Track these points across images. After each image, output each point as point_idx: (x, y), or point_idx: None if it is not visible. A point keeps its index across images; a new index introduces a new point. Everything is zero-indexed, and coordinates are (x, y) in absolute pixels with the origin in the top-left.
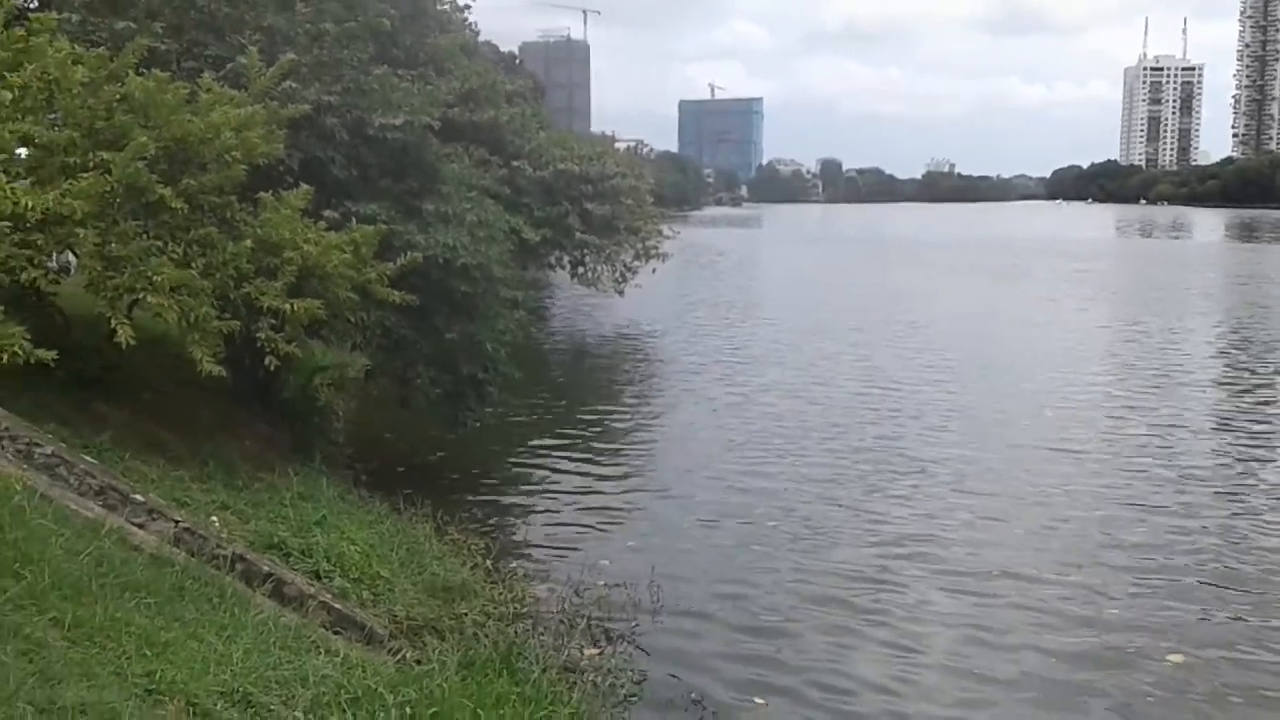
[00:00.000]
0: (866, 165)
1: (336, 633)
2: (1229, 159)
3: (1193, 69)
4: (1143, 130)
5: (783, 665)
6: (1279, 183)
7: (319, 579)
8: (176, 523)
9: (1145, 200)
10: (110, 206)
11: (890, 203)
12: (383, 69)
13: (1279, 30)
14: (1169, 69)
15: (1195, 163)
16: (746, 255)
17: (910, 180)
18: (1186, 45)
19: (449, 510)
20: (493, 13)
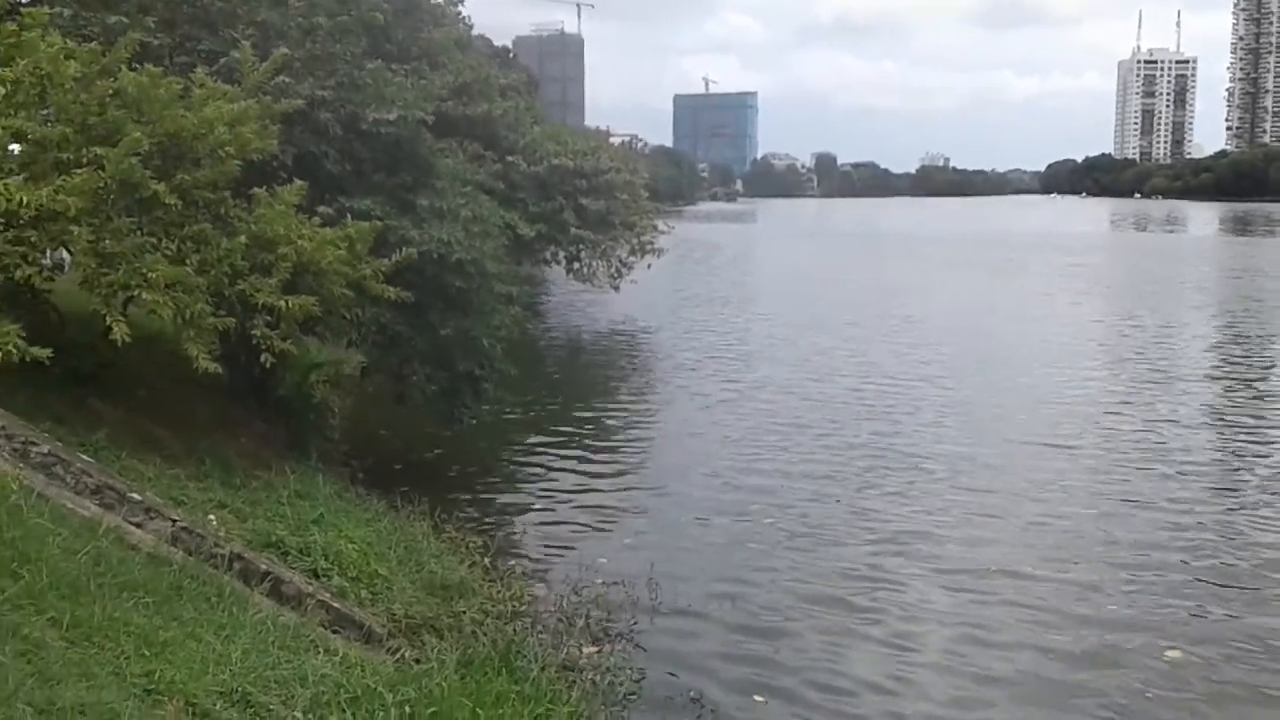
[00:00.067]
0: (861, 159)
1: (335, 631)
2: (1223, 152)
3: (1186, 62)
4: (1136, 123)
5: (781, 664)
6: (1273, 176)
7: (317, 577)
8: (174, 521)
9: (1139, 194)
10: (104, 203)
11: (885, 197)
12: (376, 63)
13: (1272, 23)
14: (1163, 62)
15: (1189, 156)
16: (741, 250)
17: (905, 175)
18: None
19: (446, 508)
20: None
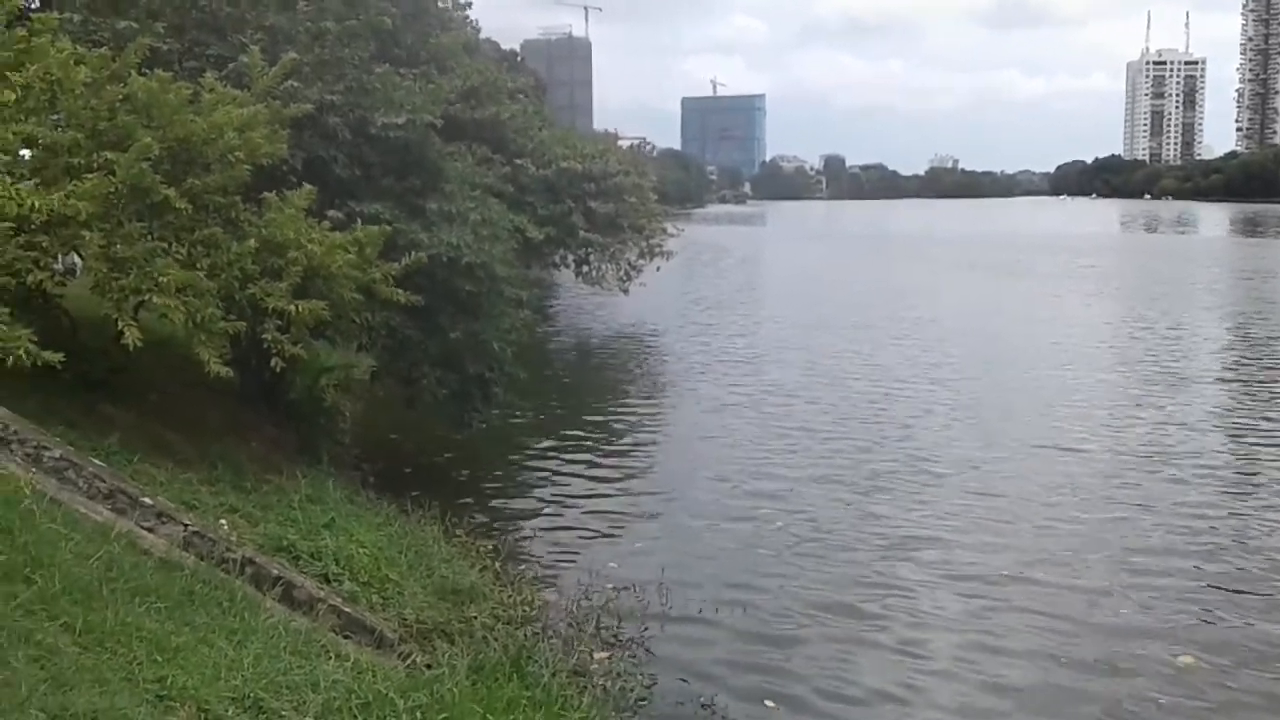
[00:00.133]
0: (869, 160)
1: (346, 637)
2: (1233, 153)
3: (1196, 63)
4: (1146, 125)
5: (792, 672)
6: None
7: (328, 582)
8: (186, 526)
9: (1149, 195)
10: (115, 208)
11: (894, 199)
12: (384, 67)
13: None
14: (1172, 63)
15: (1199, 157)
16: (750, 253)
17: (914, 176)
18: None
19: (457, 512)
20: (494, 10)
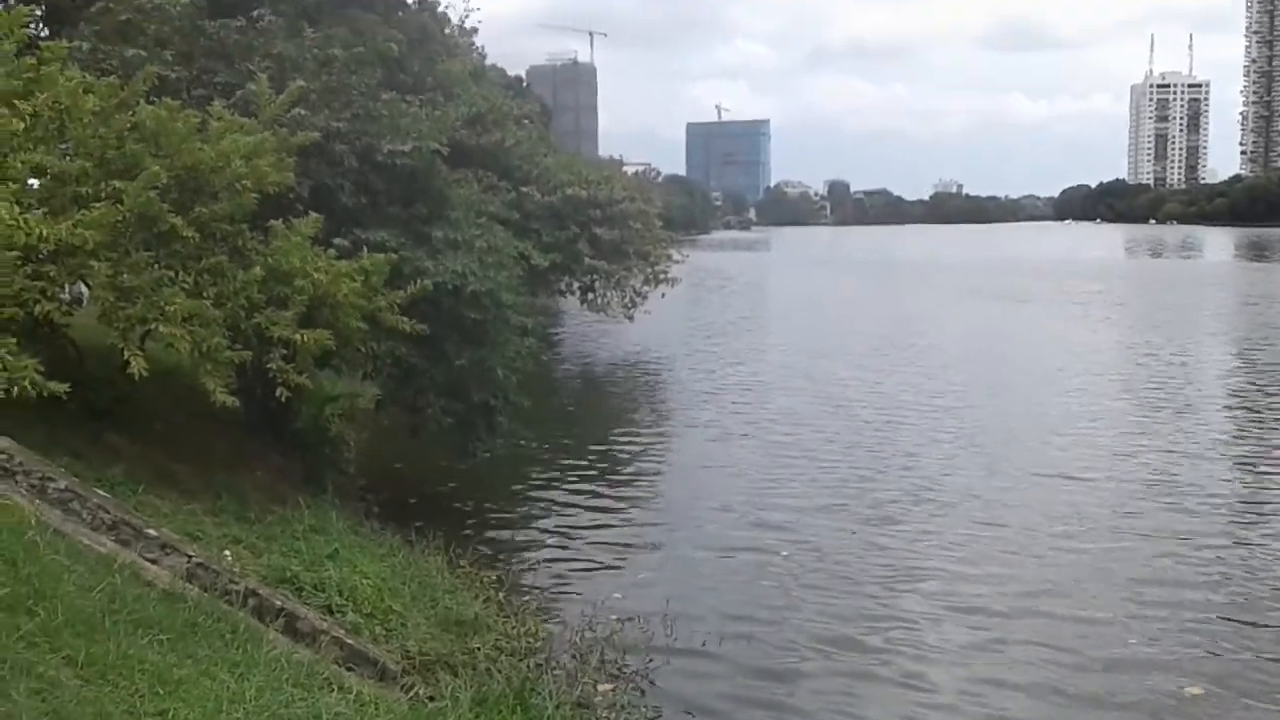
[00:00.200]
0: (873, 185)
1: (349, 669)
2: (1237, 177)
3: (1199, 86)
4: (1150, 148)
5: (796, 707)
6: None
7: (331, 614)
8: (189, 558)
9: (1154, 219)
10: (122, 236)
11: (898, 224)
12: (391, 95)
13: None
14: (1175, 86)
15: (1203, 181)
16: (755, 279)
17: (918, 201)
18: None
19: (461, 542)
20: (500, 37)
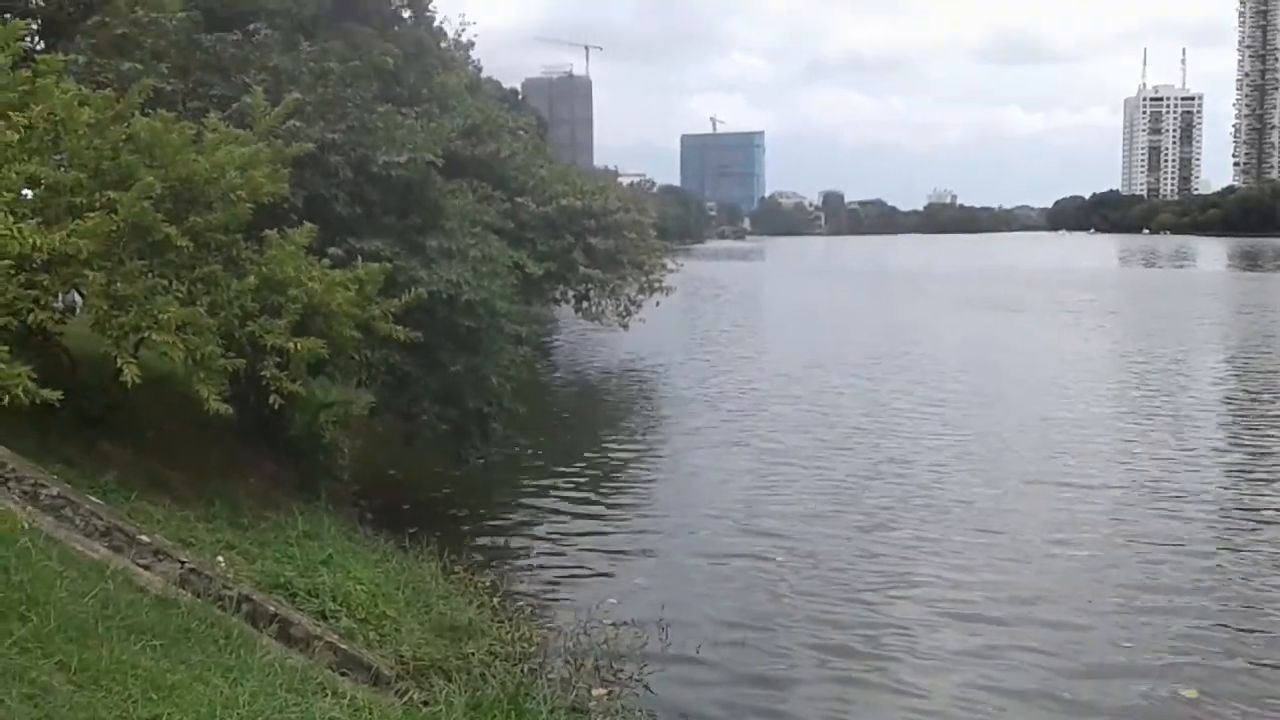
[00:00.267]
0: (868, 196)
1: (343, 674)
2: (1230, 188)
3: (1192, 98)
4: (1143, 160)
5: (790, 714)
6: None
7: (325, 619)
8: (182, 563)
9: (1148, 230)
10: (116, 246)
11: (892, 234)
12: (387, 107)
13: (1278, 59)
14: (1169, 99)
15: (1196, 192)
16: (749, 288)
17: (912, 212)
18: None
19: (455, 548)
20: (496, 50)
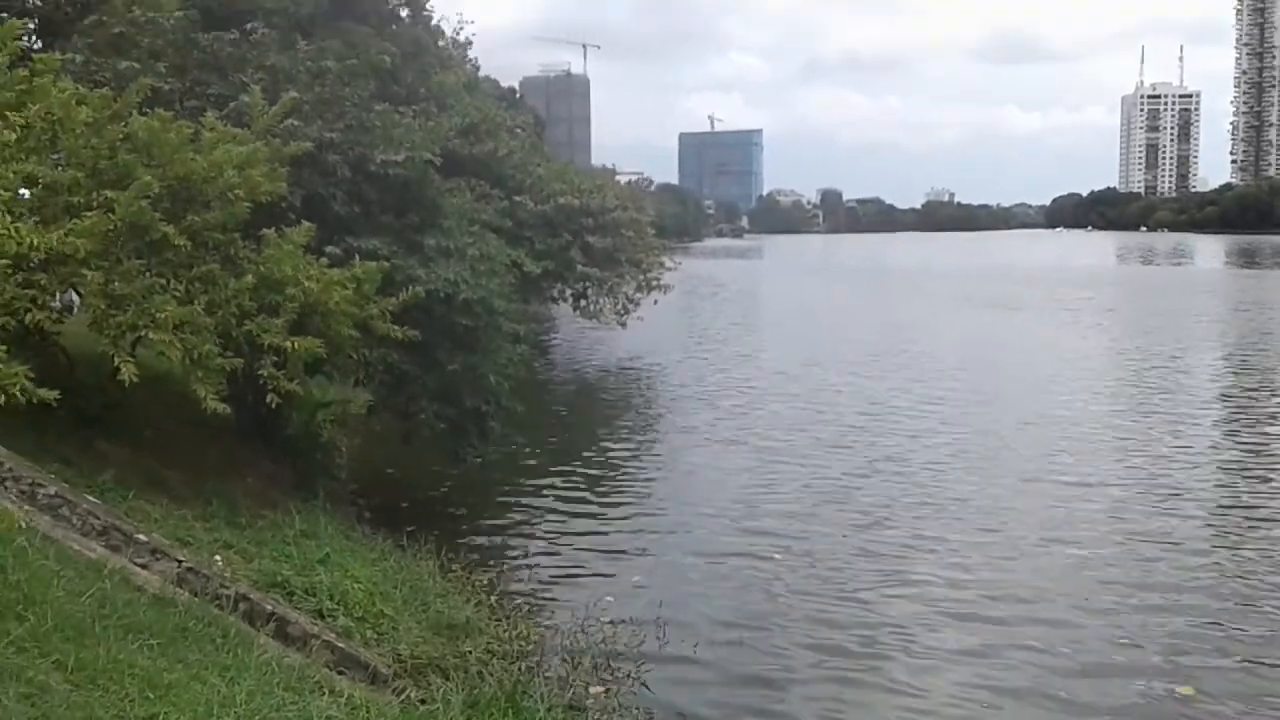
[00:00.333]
0: (866, 195)
1: (340, 673)
2: (1228, 185)
3: (1190, 96)
4: (1141, 158)
5: (787, 714)
6: (1277, 208)
7: (322, 618)
8: (180, 562)
9: (1145, 227)
10: (114, 245)
11: (890, 232)
12: (384, 106)
13: (1275, 57)
14: (1166, 97)
15: (1194, 189)
16: (747, 286)
17: (910, 210)
18: (1183, 72)
19: (452, 546)
20: (493, 49)
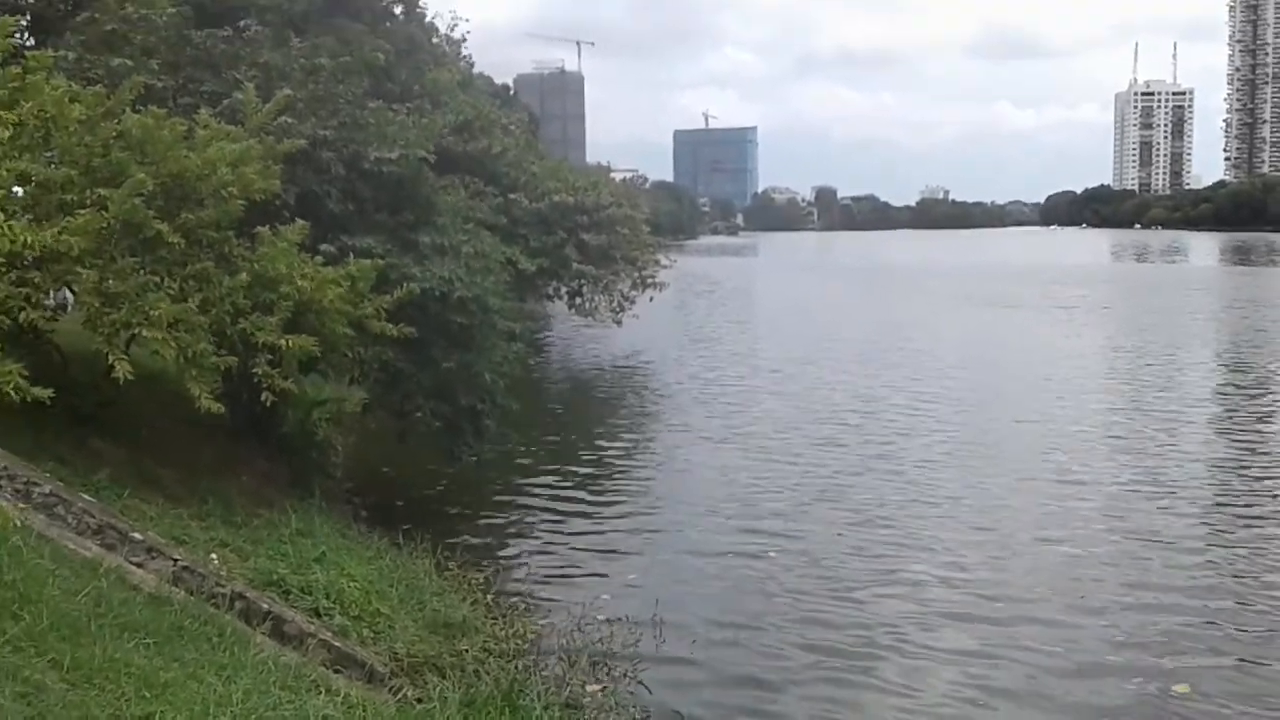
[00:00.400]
0: (861, 192)
1: (337, 671)
2: (1221, 182)
3: (1183, 93)
4: (1135, 155)
5: (784, 714)
6: (1271, 205)
7: (319, 617)
8: (175, 561)
9: (1139, 225)
10: (108, 243)
11: (885, 230)
12: (378, 103)
13: (1268, 54)
14: (1160, 94)
15: (1188, 186)
16: (743, 284)
17: (905, 207)
18: (1176, 69)
19: (448, 545)
20: (487, 46)
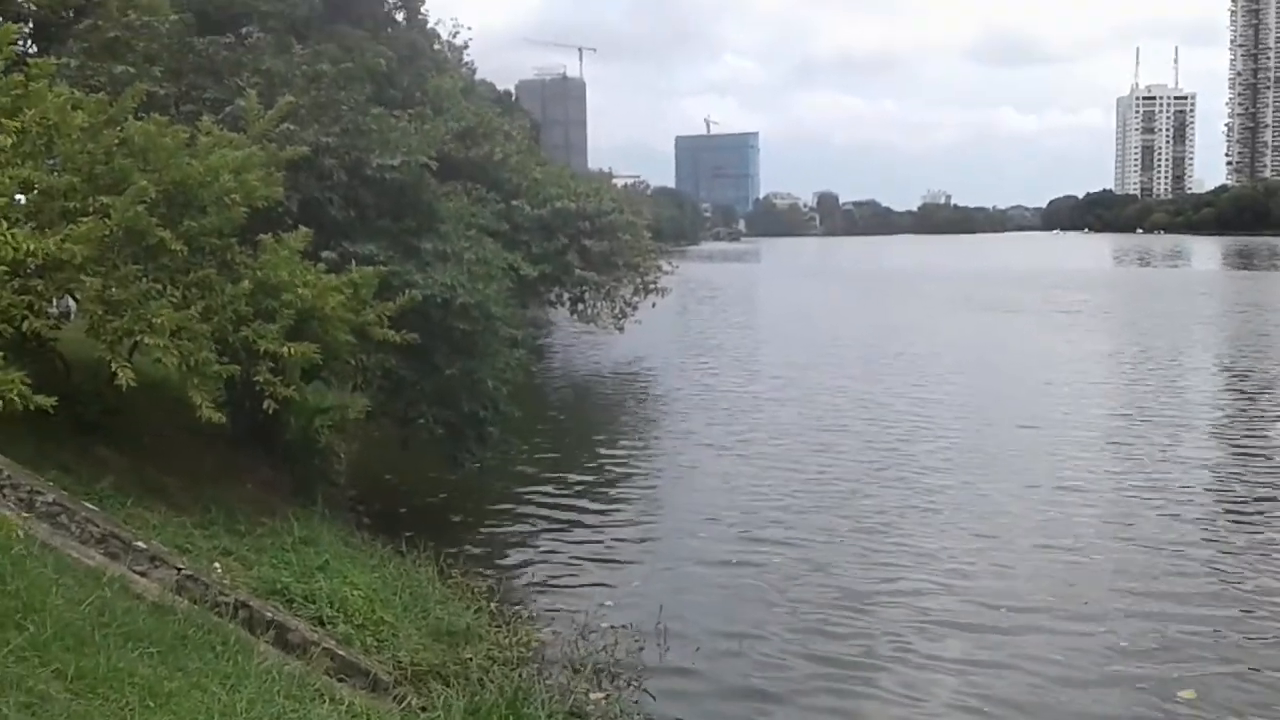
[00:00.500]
0: (862, 197)
1: (341, 680)
2: (1223, 187)
3: (1185, 98)
4: (1137, 159)
5: None
6: (1274, 209)
7: (322, 625)
8: (179, 570)
9: (1142, 229)
10: (110, 251)
11: (887, 235)
12: (380, 110)
13: (1270, 58)
14: (1161, 98)
15: (1190, 191)
16: (744, 290)
17: (906, 212)
18: (1178, 73)
19: (451, 552)
20: (489, 52)
